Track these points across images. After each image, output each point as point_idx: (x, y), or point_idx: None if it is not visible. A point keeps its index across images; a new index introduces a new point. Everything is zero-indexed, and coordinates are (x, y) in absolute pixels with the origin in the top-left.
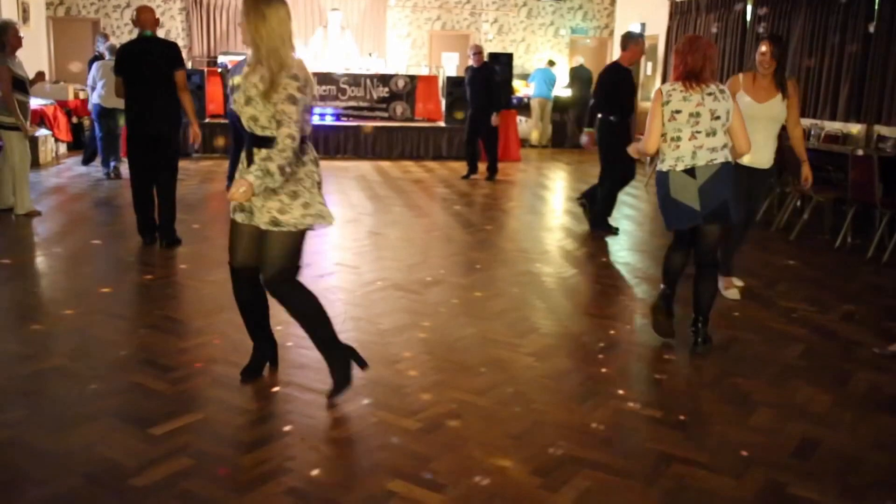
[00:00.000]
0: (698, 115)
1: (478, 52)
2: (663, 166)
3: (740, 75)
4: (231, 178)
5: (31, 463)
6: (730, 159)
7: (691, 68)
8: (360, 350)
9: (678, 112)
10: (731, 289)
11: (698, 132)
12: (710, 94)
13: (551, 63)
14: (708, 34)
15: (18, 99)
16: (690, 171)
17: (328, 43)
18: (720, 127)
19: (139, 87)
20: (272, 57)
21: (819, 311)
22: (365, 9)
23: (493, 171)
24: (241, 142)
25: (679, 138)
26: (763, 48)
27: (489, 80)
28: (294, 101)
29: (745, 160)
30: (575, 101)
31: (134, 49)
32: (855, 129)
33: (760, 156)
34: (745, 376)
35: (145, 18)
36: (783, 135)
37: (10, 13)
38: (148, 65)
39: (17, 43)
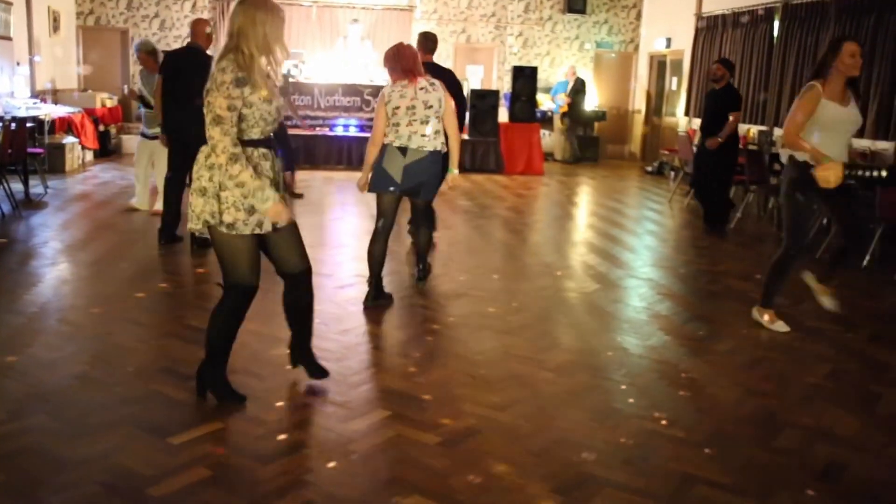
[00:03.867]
0: (414, 108)
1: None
2: (385, 140)
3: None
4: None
5: (50, 470)
6: (439, 148)
7: (407, 67)
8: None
9: (397, 108)
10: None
11: (414, 120)
12: (422, 88)
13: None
14: (734, 48)
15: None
16: (403, 150)
17: (348, 54)
18: (433, 115)
19: (178, 94)
20: None
21: (846, 331)
22: (390, 21)
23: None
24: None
25: (399, 124)
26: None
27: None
28: None
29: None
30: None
31: (178, 57)
32: (883, 146)
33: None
34: (771, 396)
35: (195, 30)
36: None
37: (42, 22)
38: (188, 74)
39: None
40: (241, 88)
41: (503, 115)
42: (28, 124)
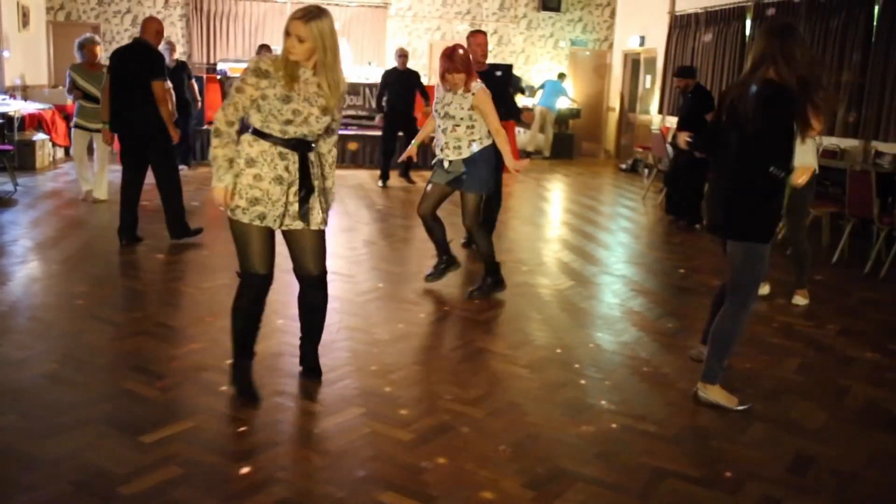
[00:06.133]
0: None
1: (402, 55)
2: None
3: None
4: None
5: (19, 469)
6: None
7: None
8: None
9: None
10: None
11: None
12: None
13: (562, 76)
14: (704, 47)
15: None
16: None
17: None
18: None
19: (120, 90)
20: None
21: (815, 326)
22: (365, 18)
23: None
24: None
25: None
26: None
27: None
28: None
29: None
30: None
31: (121, 53)
32: (852, 144)
33: None
34: (741, 390)
35: (144, 26)
36: None
37: (10, 17)
38: (129, 69)
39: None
40: (258, 79)
41: None
42: None
